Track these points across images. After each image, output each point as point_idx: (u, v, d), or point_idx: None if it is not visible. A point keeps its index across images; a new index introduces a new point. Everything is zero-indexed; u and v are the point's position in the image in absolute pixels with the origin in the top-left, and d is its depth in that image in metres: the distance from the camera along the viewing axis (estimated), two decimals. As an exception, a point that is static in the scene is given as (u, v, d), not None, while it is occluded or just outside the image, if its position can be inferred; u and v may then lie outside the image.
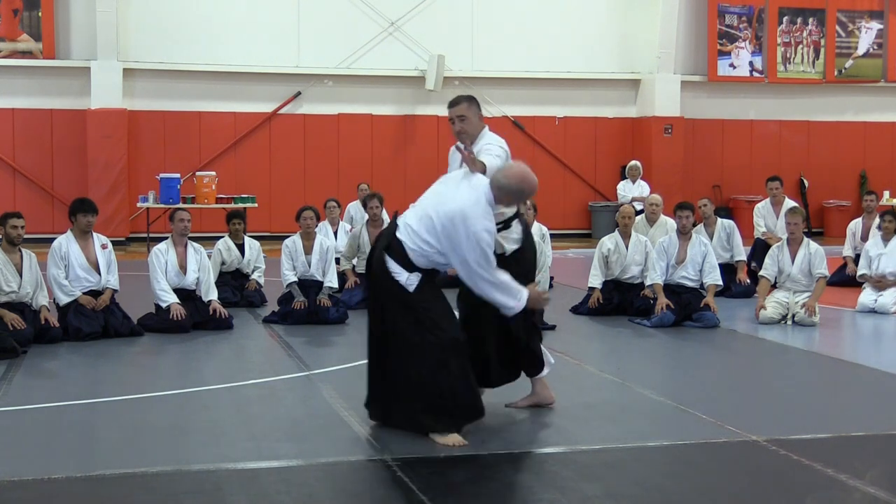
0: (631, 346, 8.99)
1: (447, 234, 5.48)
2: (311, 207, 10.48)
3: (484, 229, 5.44)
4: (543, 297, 5.87)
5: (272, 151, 19.48)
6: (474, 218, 5.44)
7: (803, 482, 5.01)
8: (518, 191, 5.60)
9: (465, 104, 6.25)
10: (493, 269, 5.53)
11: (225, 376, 7.46)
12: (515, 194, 5.62)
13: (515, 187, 5.57)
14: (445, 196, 5.60)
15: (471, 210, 5.45)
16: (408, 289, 5.61)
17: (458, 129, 6.27)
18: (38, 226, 15.92)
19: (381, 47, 19.76)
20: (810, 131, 21.79)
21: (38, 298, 8.79)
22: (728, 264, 11.82)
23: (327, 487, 4.92)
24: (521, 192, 5.63)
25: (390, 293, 5.67)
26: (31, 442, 5.68)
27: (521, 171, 5.62)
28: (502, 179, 5.57)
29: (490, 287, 5.56)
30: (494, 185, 5.56)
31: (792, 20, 21.42)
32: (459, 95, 6.43)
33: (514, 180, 5.57)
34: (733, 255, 11.95)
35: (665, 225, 12.27)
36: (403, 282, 5.62)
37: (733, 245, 11.97)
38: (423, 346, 5.55)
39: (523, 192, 5.64)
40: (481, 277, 5.52)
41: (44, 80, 18.50)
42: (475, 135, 6.21)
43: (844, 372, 7.97)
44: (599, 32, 20.65)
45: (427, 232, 5.54)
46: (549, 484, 4.96)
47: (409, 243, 5.59)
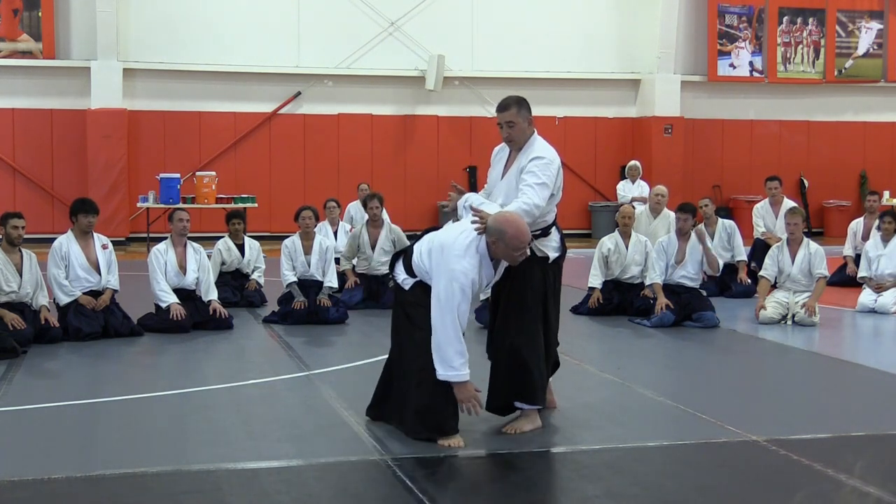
0: (631, 346, 8.99)
1: (434, 260, 5.54)
2: (309, 207, 10.48)
3: (461, 270, 5.37)
4: (473, 394, 5.49)
5: (272, 151, 19.48)
6: (456, 255, 5.41)
7: (803, 482, 5.01)
8: (499, 231, 5.34)
9: (515, 109, 5.85)
10: (452, 315, 5.37)
11: (225, 376, 7.46)
12: (499, 236, 5.36)
13: (496, 229, 5.36)
14: (449, 230, 5.71)
15: (456, 247, 5.45)
16: (403, 286, 5.72)
17: (506, 135, 5.90)
18: (38, 226, 15.91)
19: (381, 47, 19.76)
20: (810, 131, 21.79)
21: (38, 298, 8.79)
22: (728, 264, 11.83)
23: (327, 487, 4.92)
24: (503, 234, 5.33)
25: (395, 293, 5.87)
26: (31, 442, 5.68)
27: (508, 217, 5.41)
28: (491, 223, 5.39)
29: (440, 330, 5.41)
30: (488, 239, 5.44)
31: (792, 20, 21.43)
32: (508, 98, 5.97)
33: (498, 223, 5.38)
34: (734, 255, 11.96)
35: (668, 218, 12.29)
36: (400, 281, 5.75)
37: (734, 245, 11.97)
38: (409, 345, 5.61)
39: (504, 234, 5.33)
40: (439, 315, 5.40)
41: (44, 80, 18.49)
42: (522, 143, 5.89)
43: (844, 372, 7.97)
44: (599, 32, 20.65)
45: (427, 252, 5.61)
46: (549, 484, 4.95)
47: (415, 254, 5.68)
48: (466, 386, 5.45)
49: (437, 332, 5.43)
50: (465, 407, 5.48)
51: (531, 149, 5.85)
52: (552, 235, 5.94)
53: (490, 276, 5.64)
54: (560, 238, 6.01)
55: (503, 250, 5.43)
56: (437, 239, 5.61)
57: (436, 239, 5.62)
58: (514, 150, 5.95)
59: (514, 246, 5.39)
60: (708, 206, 12.18)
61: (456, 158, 19.96)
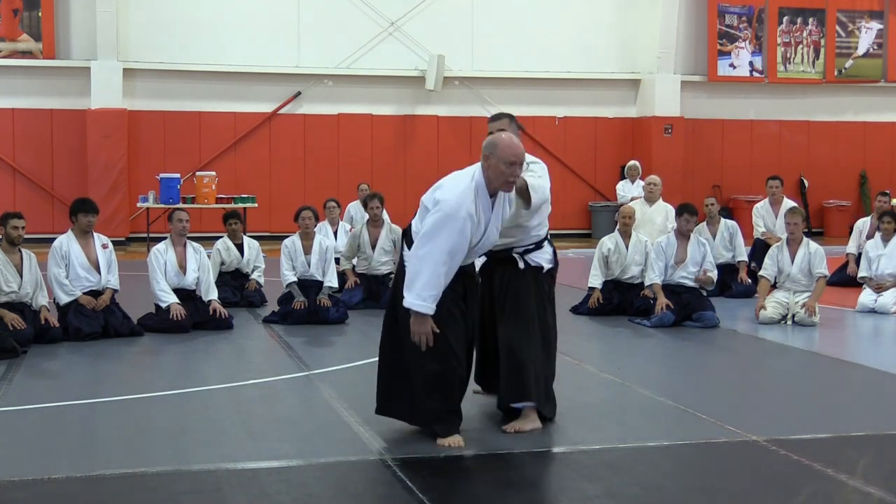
0: (631, 346, 8.99)
1: (425, 201, 5.40)
2: (309, 207, 10.48)
3: (453, 200, 5.23)
4: (428, 330, 5.31)
5: (272, 151, 19.48)
6: (448, 187, 5.34)
7: (803, 482, 5.01)
8: (491, 144, 5.31)
9: (507, 120, 6.15)
10: (433, 246, 5.21)
11: (225, 376, 7.46)
12: (491, 150, 5.29)
13: (488, 143, 5.33)
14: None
15: (448, 180, 5.41)
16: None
17: None
18: (38, 226, 15.91)
19: (381, 47, 19.76)
20: (810, 131, 21.80)
21: (38, 298, 8.79)
22: (729, 264, 11.85)
23: (327, 487, 4.92)
24: (495, 146, 5.29)
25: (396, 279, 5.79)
26: (31, 442, 5.68)
27: (501, 135, 5.43)
28: (484, 142, 5.39)
29: (415, 259, 5.28)
30: (482, 167, 5.39)
31: (792, 20, 21.43)
32: (501, 112, 6.32)
33: (490, 139, 5.39)
34: (735, 255, 11.98)
35: (665, 209, 12.30)
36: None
37: (735, 245, 11.99)
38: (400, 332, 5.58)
39: (496, 146, 5.29)
40: (419, 244, 5.28)
41: (44, 80, 18.50)
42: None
43: (844, 372, 7.97)
44: (599, 32, 20.65)
45: (421, 213, 5.47)
46: (549, 484, 4.96)
47: (413, 222, 5.55)
48: (426, 319, 5.28)
49: (413, 261, 5.30)
50: (415, 338, 5.32)
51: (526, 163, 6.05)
52: (545, 248, 6.02)
53: (487, 214, 5.39)
54: (553, 252, 6.07)
55: (496, 169, 5.29)
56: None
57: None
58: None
59: (506, 158, 5.26)
60: (714, 205, 12.21)
61: (456, 158, 19.86)
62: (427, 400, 5.50)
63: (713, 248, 11.70)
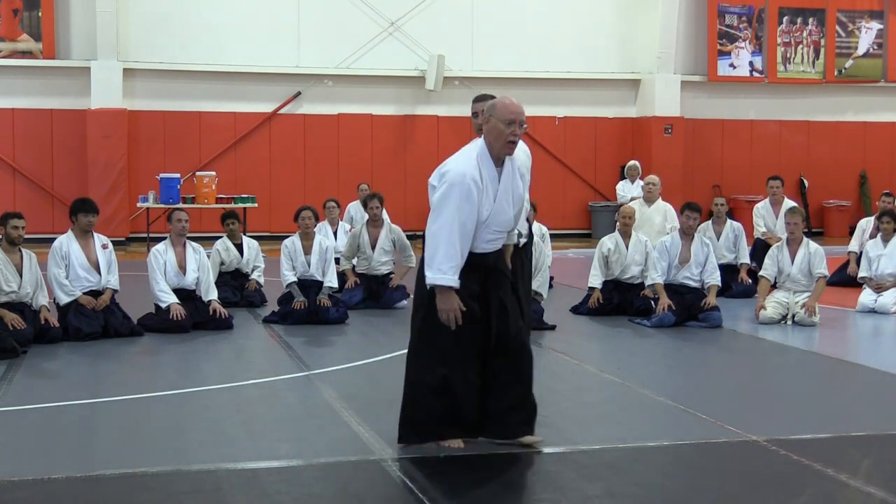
0: (631, 346, 8.99)
1: (431, 183, 5.31)
2: (309, 207, 10.48)
3: (456, 169, 5.17)
4: (455, 306, 5.18)
5: (272, 151, 19.48)
6: (451, 160, 5.28)
7: (803, 482, 5.01)
8: (491, 106, 5.26)
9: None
10: (445, 218, 5.12)
11: (225, 376, 7.46)
12: (491, 111, 5.24)
13: (488, 108, 5.28)
14: None
15: (451, 157, 5.34)
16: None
17: (480, 123, 6.12)
18: (38, 226, 15.90)
19: (381, 47, 19.76)
20: (810, 131, 21.79)
21: (38, 298, 8.79)
22: (730, 265, 11.87)
23: (327, 487, 4.92)
24: (493, 106, 5.25)
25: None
26: (31, 442, 5.68)
27: (496, 98, 5.38)
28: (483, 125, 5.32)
29: (431, 236, 5.17)
30: (483, 133, 5.31)
31: (792, 20, 21.42)
32: (485, 94, 6.28)
33: (488, 105, 5.33)
34: (737, 256, 12.00)
35: (664, 208, 12.31)
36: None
37: (739, 248, 12.02)
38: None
39: (494, 106, 5.25)
40: (431, 219, 5.18)
41: (44, 80, 18.49)
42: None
43: (844, 372, 7.97)
44: (599, 32, 20.65)
45: (429, 197, 5.36)
46: (549, 484, 4.95)
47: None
48: (451, 295, 5.16)
49: (428, 239, 5.18)
50: (443, 316, 5.17)
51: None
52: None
53: (495, 184, 5.24)
54: (529, 227, 6.01)
55: (495, 129, 5.20)
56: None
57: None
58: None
59: (504, 117, 5.18)
60: (723, 205, 12.25)
61: (456, 158, 19.94)
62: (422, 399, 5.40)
63: (716, 248, 11.75)
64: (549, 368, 7.82)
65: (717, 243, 11.95)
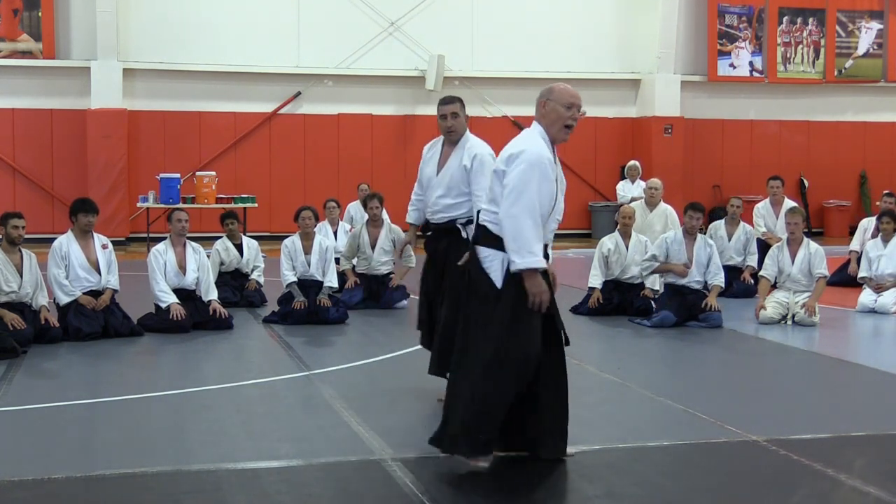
0: (631, 346, 8.99)
1: (495, 167, 5.11)
2: (309, 207, 10.48)
3: (530, 149, 4.97)
4: (545, 288, 4.95)
5: (272, 151, 19.48)
6: (518, 143, 5.06)
7: (803, 482, 5.01)
8: (547, 90, 5.15)
9: (459, 104, 6.62)
10: (527, 200, 4.87)
11: (225, 376, 7.46)
12: (548, 95, 5.14)
13: (544, 91, 5.17)
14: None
15: (512, 144, 5.11)
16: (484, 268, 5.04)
17: (449, 125, 6.59)
18: (38, 226, 15.91)
19: (381, 47, 19.76)
20: (810, 131, 21.79)
21: (38, 298, 8.79)
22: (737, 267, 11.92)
23: (327, 487, 4.92)
24: (551, 90, 5.14)
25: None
26: (31, 442, 5.68)
27: (551, 85, 5.25)
28: (539, 97, 5.20)
29: (511, 219, 4.88)
30: (537, 118, 5.18)
31: (792, 20, 21.43)
32: (452, 95, 6.77)
33: (543, 90, 5.20)
34: (745, 259, 12.02)
35: (665, 212, 12.30)
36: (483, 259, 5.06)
37: (748, 252, 12.04)
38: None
39: (552, 90, 5.14)
40: (511, 201, 4.88)
41: (44, 80, 18.49)
42: (461, 134, 6.64)
43: (844, 372, 7.97)
44: (599, 32, 20.65)
45: (493, 184, 5.10)
46: (549, 484, 4.95)
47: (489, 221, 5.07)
48: (538, 278, 4.91)
49: (507, 222, 4.88)
50: (535, 301, 4.91)
51: (469, 144, 6.58)
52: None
53: (557, 168, 5.09)
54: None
55: (554, 112, 5.08)
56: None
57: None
58: (448, 145, 6.67)
59: (564, 101, 5.08)
60: (739, 207, 12.24)
61: (456, 158, 19.94)
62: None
63: (726, 249, 11.85)
64: (549, 368, 7.81)
65: (728, 244, 12.01)
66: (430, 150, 6.85)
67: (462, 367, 5.03)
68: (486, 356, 4.92)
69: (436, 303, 6.51)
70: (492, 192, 5.07)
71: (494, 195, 5.03)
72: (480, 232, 5.09)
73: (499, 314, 4.94)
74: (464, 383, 4.99)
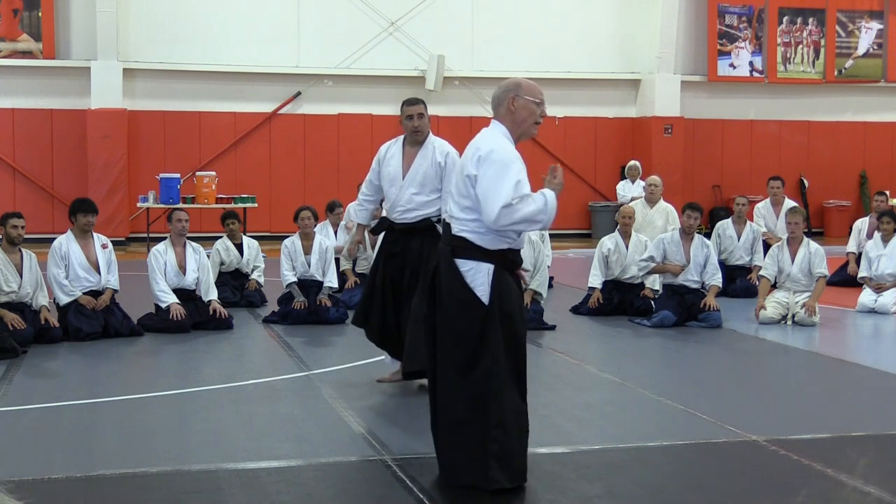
0: (631, 346, 8.99)
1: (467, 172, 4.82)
2: (308, 207, 10.48)
3: (499, 147, 4.80)
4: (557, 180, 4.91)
5: (272, 151, 19.47)
6: (483, 141, 4.87)
7: (803, 482, 5.01)
8: (515, 85, 4.94)
9: (423, 105, 6.99)
10: (518, 194, 4.71)
11: (225, 376, 7.46)
12: (515, 90, 4.92)
13: (510, 87, 4.94)
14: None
15: (472, 145, 4.93)
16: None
17: (416, 125, 6.90)
18: (38, 226, 15.91)
19: (381, 47, 19.75)
20: (810, 131, 21.79)
21: (38, 298, 8.79)
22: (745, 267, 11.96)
23: (327, 487, 4.92)
24: (518, 85, 4.94)
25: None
26: (31, 442, 5.68)
27: (512, 78, 5.05)
28: (498, 89, 5.00)
29: (519, 213, 4.70)
30: (499, 117, 4.97)
31: (792, 20, 21.42)
32: (416, 97, 7.14)
33: (507, 85, 4.98)
34: (752, 259, 12.05)
35: (665, 210, 12.31)
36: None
37: (755, 251, 12.09)
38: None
39: (520, 85, 4.94)
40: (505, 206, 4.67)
41: (44, 80, 18.49)
42: (426, 134, 6.97)
43: (844, 372, 7.97)
44: (599, 32, 20.65)
45: (459, 190, 4.87)
46: (549, 484, 4.95)
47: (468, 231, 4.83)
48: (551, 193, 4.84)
49: (523, 208, 4.69)
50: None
51: (437, 143, 6.94)
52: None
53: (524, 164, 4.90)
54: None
55: (525, 108, 4.90)
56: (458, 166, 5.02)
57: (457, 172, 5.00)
58: (411, 145, 6.95)
59: (535, 96, 4.91)
60: (744, 205, 12.28)
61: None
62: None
63: (735, 248, 11.94)
64: (549, 368, 7.82)
65: (738, 244, 12.09)
66: (390, 150, 7.08)
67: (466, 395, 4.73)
68: (483, 371, 4.71)
69: (399, 300, 6.84)
70: (464, 198, 4.80)
71: (470, 202, 4.78)
72: (458, 243, 4.81)
73: (493, 332, 4.71)
74: (477, 412, 4.70)
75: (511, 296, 4.82)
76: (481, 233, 4.78)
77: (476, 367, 4.71)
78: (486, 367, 4.70)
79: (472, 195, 4.77)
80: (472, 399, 4.71)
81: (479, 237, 4.78)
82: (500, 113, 4.98)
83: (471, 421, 4.71)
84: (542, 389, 6.94)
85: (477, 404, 4.70)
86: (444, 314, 4.82)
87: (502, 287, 4.77)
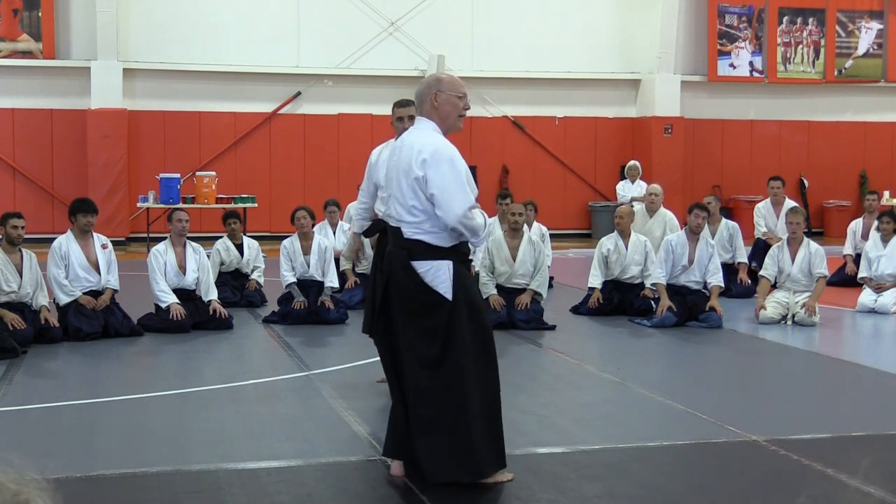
0: (631, 346, 8.99)
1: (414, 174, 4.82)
2: (304, 207, 10.46)
3: (442, 143, 4.85)
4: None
5: (272, 151, 19.47)
6: (424, 140, 4.86)
7: (803, 482, 5.01)
8: (436, 81, 4.96)
9: (414, 107, 6.38)
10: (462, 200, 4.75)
11: (225, 376, 7.46)
12: (437, 86, 4.92)
13: (432, 84, 4.94)
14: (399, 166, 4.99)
15: (413, 145, 4.90)
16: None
17: (407, 126, 6.46)
18: (38, 226, 15.91)
19: (381, 47, 19.75)
20: (810, 131, 21.79)
21: (38, 298, 8.79)
22: (728, 265, 11.84)
23: (327, 487, 4.92)
24: (440, 81, 4.96)
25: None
26: (31, 442, 5.68)
27: (434, 74, 5.08)
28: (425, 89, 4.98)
29: (475, 221, 4.79)
30: (425, 113, 4.97)
31: (792, 20, 21.42)
32: (407, 98, 6.61)
33: (428, 81, 5.00)
34: (734, 256, 11.97)
35: (664, 218, 12.28)
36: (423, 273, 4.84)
37: (735, 246, 11.99)
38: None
39: (441, 80, 4.96)
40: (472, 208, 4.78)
41: (44, 80, 18.48)
42: None
43: (844, 372, 7.97)
44: (599, 32, 20.64)
45: (410, 193, 4.85)
46: (549, 484, 4.95)
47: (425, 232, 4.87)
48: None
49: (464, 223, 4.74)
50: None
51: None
52: None
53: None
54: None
55: (449, 102, 4.91)
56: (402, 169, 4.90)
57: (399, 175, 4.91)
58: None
59: (457, 90, 4.94)
60: (711, 203, 12.21)
61: (456, 158, 19.92)
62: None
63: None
64: (549, 368, 7.82)
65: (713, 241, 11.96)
66: (382, 154, 6.87)
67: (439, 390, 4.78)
68: (465, 361, 4.77)
69: None
70: (413, 201, 4.80)
71: (420, 203, 4.79)
72: (413, 246, 4.82)
73: (460, 325, 4.78)
74: (452, 404, 4.76)
75: (471, 286, 4.98)
76: (435, 232, 4.85)
77: (445, 360, 4.79)
78: (454, 359, 4.78)
79: (422, 197, 4.82)
80: (445, 392, 4.78)
81: (434, 237, 4.84)
82: (424, 109, 5.02)
83: (446, 414, 4.78)
84: (542, 389, 6.95)
85: (451, 397, 4.77)
86: (405, 317, 4.87)
87: (462, 280, 4.87)
